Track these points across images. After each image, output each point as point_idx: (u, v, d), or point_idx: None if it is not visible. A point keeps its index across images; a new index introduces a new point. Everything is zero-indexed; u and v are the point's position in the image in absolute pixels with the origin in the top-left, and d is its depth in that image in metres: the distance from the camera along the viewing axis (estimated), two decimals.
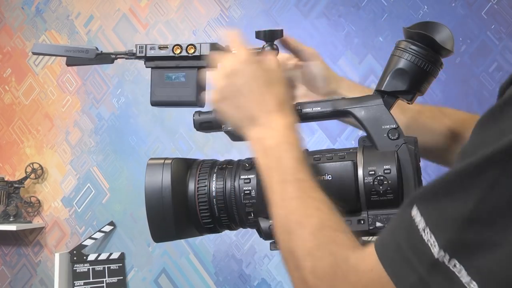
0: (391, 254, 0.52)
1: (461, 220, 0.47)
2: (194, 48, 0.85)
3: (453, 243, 0.47)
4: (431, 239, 0.48)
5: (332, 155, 0.78)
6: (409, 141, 0.77)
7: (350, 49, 2.31)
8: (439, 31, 0.76)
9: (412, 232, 0.50)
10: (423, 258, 0.49)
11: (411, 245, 0.50)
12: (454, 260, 0.47)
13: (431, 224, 0.49)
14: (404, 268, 0.50)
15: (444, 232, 0.47)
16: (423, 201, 0.51)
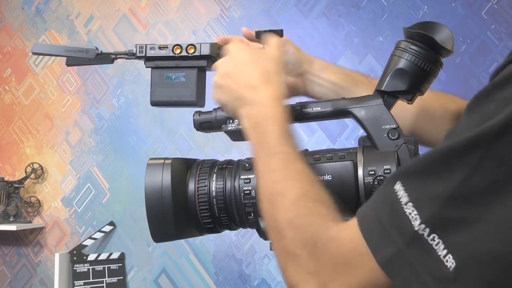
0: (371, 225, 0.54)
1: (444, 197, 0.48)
2: (194, 48, 0.85)
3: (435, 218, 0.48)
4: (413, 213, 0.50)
5: (332, 155, 0.78)
6: (409, 141, 0.77)
7: (350, 49, 2.31)
8: (439, 31, 0.76)
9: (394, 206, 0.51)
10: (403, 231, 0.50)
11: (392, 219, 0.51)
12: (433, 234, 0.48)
13: (414, 199, 0.50)
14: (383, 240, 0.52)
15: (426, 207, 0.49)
16: (407, 177, 0.52)
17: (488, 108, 0.49)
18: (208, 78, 0.88)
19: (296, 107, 0.83)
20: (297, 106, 0.83)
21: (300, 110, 0.83)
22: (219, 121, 0.86)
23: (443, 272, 0.47)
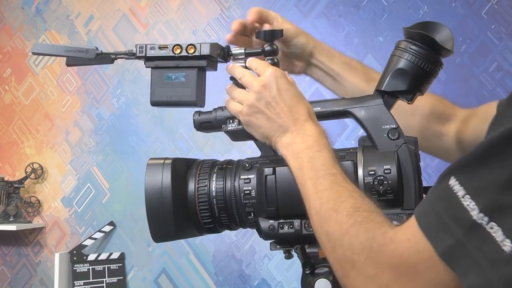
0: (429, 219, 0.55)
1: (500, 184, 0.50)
2: (194, 48, 0.85)
3: (492, 206, 0.50)
4: (471, 204, 0.51)
5: None
6: (409, 141, 0.77)
7: (350, 49, 2.31)
8: (439, 31, 0.76)
9: (451, 200, 0.53)
10: (461, 222, 0.52)
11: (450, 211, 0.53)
12: (492, 222, 0.50)
13: (470, 190, 0.52)
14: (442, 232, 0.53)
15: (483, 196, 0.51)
16: (460, 171, 0.54)
17: None
18: (208, 78, 0.88)
19: None
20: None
21: None
22: (219, 121, 0.86)
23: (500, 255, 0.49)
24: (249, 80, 0.82)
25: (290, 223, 0.80)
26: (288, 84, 0.80)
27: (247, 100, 0.80)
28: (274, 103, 0.78)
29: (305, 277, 0.82)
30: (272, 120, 0.78)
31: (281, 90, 0.79)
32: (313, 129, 0.76)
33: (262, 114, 0.79)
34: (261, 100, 0.79)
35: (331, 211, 0.66)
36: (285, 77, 0.81)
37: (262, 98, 0.79)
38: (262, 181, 0.79)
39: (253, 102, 0.80)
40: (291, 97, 0.79)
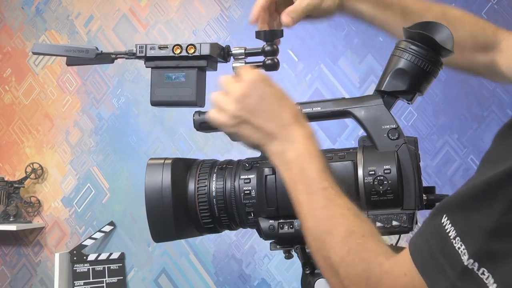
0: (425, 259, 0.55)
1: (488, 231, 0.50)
2: (194, 48, 0.85)
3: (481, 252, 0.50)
4: (462, 247, 0.51)
5: (332, 155, 0.78)
6: (409, 141, 0.77)
7: (350, 49, 2.31)
8: (439, 31, 0.75)
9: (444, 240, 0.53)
10: (454, 265, 0.52)
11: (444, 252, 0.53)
12: (482, 268, 0.50)
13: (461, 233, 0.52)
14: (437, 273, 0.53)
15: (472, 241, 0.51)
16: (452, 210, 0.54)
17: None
18: (208, 78, 0.88)
19: None
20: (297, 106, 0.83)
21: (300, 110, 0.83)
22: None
23: None
24: (229, 89, 0.78)
25: (290, 223, 0.80)
26: (270, 87, 0.76)
27: (229, 111, 0.76)
28: (257, 111, 0.75)
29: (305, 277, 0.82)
30: (258, 129, 0.75)
31: (262, 96, 0.75)
32: (300, 134, 0.73)
33: (246, 124, 0.75)
34: (242, 110, 0.75)
35: (325, 234, 0.66)
36: (266, 81, 0.77)
37: (244, 108, 0.75)
38: (262, 181, 0.79)
39: (236, 113, 0.76)
40: (274, 101, 0.75)
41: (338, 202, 0.68)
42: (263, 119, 0.75)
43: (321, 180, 0.69)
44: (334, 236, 0.65)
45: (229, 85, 0.78)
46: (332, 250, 0.64)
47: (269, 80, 0.78)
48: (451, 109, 2.20)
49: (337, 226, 0.65)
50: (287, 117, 0.74)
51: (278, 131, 0.74)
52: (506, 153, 0.51)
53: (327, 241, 0.65)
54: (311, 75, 2.35)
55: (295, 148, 0.72)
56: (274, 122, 0.74)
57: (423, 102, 2.20)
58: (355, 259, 0.62)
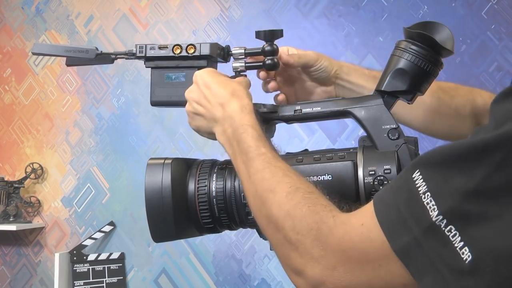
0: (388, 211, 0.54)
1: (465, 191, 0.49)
2: (194, 48, 0.85)
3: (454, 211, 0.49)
4: (431, 203, 0.50)
5: (332, 155, 0.78)
6: (409, 141, 0.77)
7: (350, 49, 2.31)
8: (439, 31, 0.75)
9: (412, 194, 0.52)
10: (420, 220, 0.51)
11: (410, 206, 0.52)
12: (450, 225, 0.49)
13: (433, 189, 0.50)
14: (399, 227, 0.52)
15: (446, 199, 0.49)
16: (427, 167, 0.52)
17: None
18: None
19: (296, 107, 0.83)
20: (297, 106, 0.83)
21: (300, 110, 0.83)
22: None
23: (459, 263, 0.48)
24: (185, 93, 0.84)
25: None
26: (210, 76, 0.81)
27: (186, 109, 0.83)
28: (202, 100, 0.80)
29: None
30: (205, 116, 0.80)
31: (205, 85, 0.80)
32: (235, 108, 0.76)
33: (197, 114, 0.81)
34: (192, 103, 0.81)
35: (267, 192, 0.65)
36: (208, 72, 0.82)
37: (192, 101, 0.81)
38: None
39: (188, 108, 0.82)
40: (214, 85, 0.79)
41: (277, 164, 0.68)
42: (206, 106, 0.79)
43: (257, 147, 0.70)
44: (277, 193, 0.64)
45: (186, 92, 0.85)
46: (276, 205, 0.63)
47: (214, 71, 0.83)
48: None
49: (280, 183, 0.65)
50: (224, 95, 0.78)
51: (218, 113, 0.77)
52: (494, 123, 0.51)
53: (270, 198, 0.64)
54: None
55: (231, 123, 0.75)
56: (214, 104, 0.78)
57: None
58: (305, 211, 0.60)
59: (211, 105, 0.78)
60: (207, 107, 0.79)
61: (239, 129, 0.73)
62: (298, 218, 0.60)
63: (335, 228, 0.57)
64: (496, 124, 0.50)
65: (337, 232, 0.57)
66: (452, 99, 0.97)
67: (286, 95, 0.96)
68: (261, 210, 0.66)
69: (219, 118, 0.77)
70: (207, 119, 0.80)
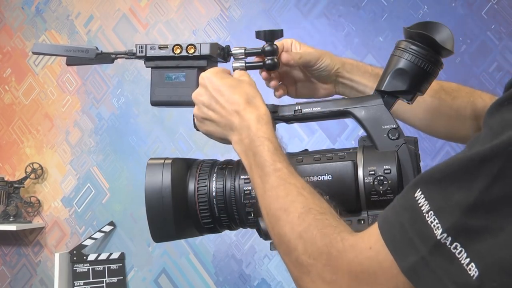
0: (394, 232, 0.54)
1: (466, 206, 0.48)
2: (194, 48, 0.85)
3: (457, 227, 0.49)
4: (435, 221, 0.50)
5: (332, 155, 0.78)
6: (409, 141, 0.77)
7: (350, 49, 2.31)
8: (439, 31, 0.75)
9: (416, 213, 0.52)
10: (425, 239, 0.50)
11: (415, 226, 0.52)
12: (456, 242, 0.49)
13: (435, 207, 0.50)
14: (406, 247, 0.52)
15: (448, 216, 0.49)
16: (428, 185, 0.52)
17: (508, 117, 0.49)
18: None
19: (296, 107, 0.83)
20: (297, 106, 0.83)
21: (300, 110, 0.83)
22: None
23: (467, 280, 0.48)
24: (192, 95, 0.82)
25: None
26: (220, 78, 0.78)
27: (194, 113, 0.81)
28: (213, 104, 0.78)
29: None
30: (218, 123, 0.78)
31: (214, 88, 0.78)
32: (252, 118, 0.74)
33: (208, 120, 0.79)
34: (201, 107, 0.79)
35: (280, 211, 0.65)
36: (216, 73, 0.79)
37: (202, 105, 0.79)
38: None
39: (197, 112, 0.80)
40: (226, 89, 0.77)
41: (292, 181, 0.67)
42: (219, 110, 0.77)
43: (273, 162, 0.69)
44: (290, 213, 0.64)
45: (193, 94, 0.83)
46: (288, 226, 0.63)
47: (222, 72, 0.80)
48: None
49: (293, 203, 0.64)
50: (239, 102, 0.76)
51: (234, 119, 0.75)
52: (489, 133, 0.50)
53: (282, 218, 0.64)
54: None
55: (248, 134, 0.73)
56: (229, 110, 0.76)
57: None
58: (316, 235, 0.60)
59: (226, 111, 0.76)
60: (221, 113, 0.77)
61: (255, 141, 0.72)
62: (309, 241, 0.60)
63: (345, 252, 0.57)
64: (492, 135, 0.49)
65: (346, 256, 0.57)
66: (453, 100, 0.97)
67: (288, 92, 0.96)
68: (274, 228, 0.66)
69: (236, 127, 0.75)
70: (222, 126, 0.78)
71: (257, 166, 0.71)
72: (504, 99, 0.51)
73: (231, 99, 0.76)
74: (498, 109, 0.51)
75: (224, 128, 0.77)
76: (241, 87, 0.78)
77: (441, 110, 0.96)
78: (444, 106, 0.96)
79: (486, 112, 0.53)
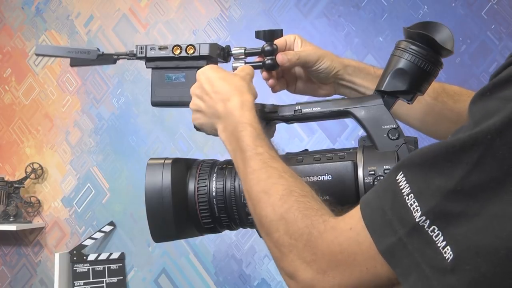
0: (374, 214, 0.55)
1: (446, 191, 0.49)
2: (194, 48, 0.85)
3: (435, 211, 0.50)
4: (414, 204, 0.51)
5: (332, 155, 0.78)
6: (409, 141, 0.77)
7: (350, 49, 2.31)
8: (439, 31, 0.75)
9: (396, 196, 0.53)
10: (404, 221, 0.51)
11: (394, 208, 0.53)
12: (433, 226, 0.50)
13: (416, 191, 0.51)
14: (384, 228, 0.53)
15: (427, 200, 0.50)
16: (410, 169, 0.53)
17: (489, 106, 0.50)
18: None
19: (296, 107, 0.83)
20: (297, 106, 0.83)
21: (300, 110, 0.83)
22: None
23: (441, 262, 0.48)
24: None
25: None
26: (213, 71, 0.81)
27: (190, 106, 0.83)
28: (205, 95, 0.79)
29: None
30: (206, 113, 0.80)
31: (208, 81, 0.79)
32: (236, 104, 0.75)
33: (200, 111, 0.81)
34: (194, 99, 0.81)
35: (262, 193, 0.66)
36: (212, 68, 0.81)
37: (196, 97, 0.81)
38: None
39: (191, 105, 0.82)
40: (216, 81, 0.79)
41: (274, 165, 0.68)
42: (206, 101, 0.79)
43: (255, 146, 0.70)
44: (272, 195, 0.64)
45: None
46: (269, 208, 0.64)
47: (217, 68, 0.82)
48: None
49: (274, 185, 0.65)
50: (227, 92, 0.77)
51: (221, 109, 0.77)
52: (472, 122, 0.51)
53: (264, 200, 0.65)
54: None
55: (231, 121, 0.75)
56: (217, 100, 0.78)
57: None
58: (297, 216, 0.61)
59: (213, 101, 0.78)
60: (208, 103, 0.79)
61: (238, 126, 0.73)
62: (290, 222, 0.61)
63: (325, 233, 0.58)
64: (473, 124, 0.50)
65: (326, 237, 0.58)
66: (455, 103, 0.97)
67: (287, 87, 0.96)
68: (255, 210, 0.67)
69: (221, 115, 0.77)
70: (209, 116, 0.79)
71: (239, 150, 0.72)
72: (487, 89, 0.51)
73: (219, 89, 0.78)
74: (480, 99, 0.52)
75: (211, 117, 0.79)
76: (231, 79, 0.79)
77: (443, 113, 0.97)
78: (446, 109, 0.97)
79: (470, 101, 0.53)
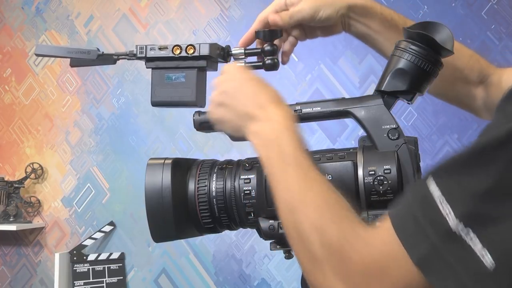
0: (406, 223, 0.53)
1: (480, 194, 0.48)
2: (194, 48, 0.85)
3: (470, 214, 0.48)
4: (447, 209, 0.49)
5: (332, 155, 0.78)
6: (409, 141, 0.77)
7: (350, 49, 2.31)
8: (439, 31, 0.75)
9: (428, 203, 0.51)
10: (438, 228, 0.50)
11: (427, 216, 0.51)
12: (468, 229, 0.48)
13: (448, 195, 0.50)
14: (418, 237, 0.51)
15: (461, 203, 0.49)
16: (440, 174, 0.52)
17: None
18: (208, 78, 0.89)
19: (296, 107, 0.83)
20: (297, 106, 0.83)
21: (300, 110, 0.83)
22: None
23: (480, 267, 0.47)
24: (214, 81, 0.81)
25: None
26: (247, 74, 0.79)
27: (211, 98, 0.80)
28: (236, 92, 0.77)
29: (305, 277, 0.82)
30: (237, 111, 0.76)
31: (240, 81, 0.77)
32: (278, 113, 0.73)
33: (225, 106, 0.77)
34: (222, 93, 0.78)
35: (298, 203, 0.64)
36: (244, 69, 0.80)
37: (223, 91, 0.78)
38: (262, 181, 0.79)
39: (215, 97, 0.79)
40: (252, 85, 0.77)
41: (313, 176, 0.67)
42: (241, 101, 0.76)
43: (297, 156, 0.69)
44: (308, 205, 0.63)
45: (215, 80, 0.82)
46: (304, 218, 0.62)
47: (247, 69, 0.81)
48: (451, 109, 2.19)
49: (312, 196, 0.64)
50: (265, 98, 0.75)
51: (257, 112, 0.74)
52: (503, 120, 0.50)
53: (299, 209, 0.64)
54: (311, 75, 2.35)
55: (273, 126, 0.72)
56: (252, 103, 0.75)
57: (423, 102, 2.20)
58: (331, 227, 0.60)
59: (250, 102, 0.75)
60: (244, 103, 0.76)
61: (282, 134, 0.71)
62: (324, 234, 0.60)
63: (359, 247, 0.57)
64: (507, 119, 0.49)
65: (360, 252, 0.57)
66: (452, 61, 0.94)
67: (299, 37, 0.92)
68: (289, 219, 0.65)
69: (257, 118, 0.74)
70: (240, 115, 0.76)
71: (278, 157, 0.70)
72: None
73: (259, 92, 0.76)
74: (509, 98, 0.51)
75: (243, 116, 0.76)
76: (266, 86, 0.77)
77: None
78: None
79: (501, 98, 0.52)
